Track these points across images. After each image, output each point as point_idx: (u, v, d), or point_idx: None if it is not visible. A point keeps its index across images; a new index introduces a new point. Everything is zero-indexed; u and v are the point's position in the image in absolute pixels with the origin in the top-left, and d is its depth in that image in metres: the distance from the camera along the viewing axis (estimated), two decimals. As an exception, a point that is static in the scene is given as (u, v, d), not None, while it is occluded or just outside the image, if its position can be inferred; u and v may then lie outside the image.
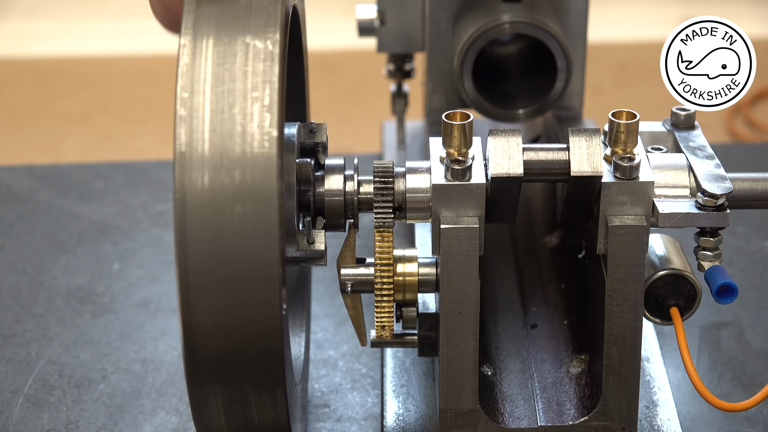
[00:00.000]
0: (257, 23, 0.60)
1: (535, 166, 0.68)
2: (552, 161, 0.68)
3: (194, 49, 0.60)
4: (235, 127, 0.59)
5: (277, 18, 0.60)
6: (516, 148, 0.67)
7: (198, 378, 0.61)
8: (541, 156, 0.68)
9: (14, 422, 0.79)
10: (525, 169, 0.67)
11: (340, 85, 2.40)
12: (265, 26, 0.60)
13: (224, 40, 0.60)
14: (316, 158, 0.69)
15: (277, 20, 0.60)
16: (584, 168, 0.67)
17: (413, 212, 0.69)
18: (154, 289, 0.93)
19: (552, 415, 0.73)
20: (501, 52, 0.92)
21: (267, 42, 0.60)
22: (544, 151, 0.68)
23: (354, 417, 0.79)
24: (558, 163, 0.68)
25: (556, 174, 0.68)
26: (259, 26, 0.60)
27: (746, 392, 0.81)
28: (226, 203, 0.58)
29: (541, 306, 0.82)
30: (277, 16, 0.60)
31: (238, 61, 0.59)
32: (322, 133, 0.68)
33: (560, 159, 0.68)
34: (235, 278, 0.59)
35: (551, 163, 0.68)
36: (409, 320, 0.72)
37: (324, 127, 0.68)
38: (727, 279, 0.67)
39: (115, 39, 2.57)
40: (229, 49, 0.59)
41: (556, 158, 0.68)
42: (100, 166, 1.11)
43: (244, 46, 0.60)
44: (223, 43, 0.60)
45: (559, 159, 0.68)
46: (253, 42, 0.60)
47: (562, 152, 0.68)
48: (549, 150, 0.68)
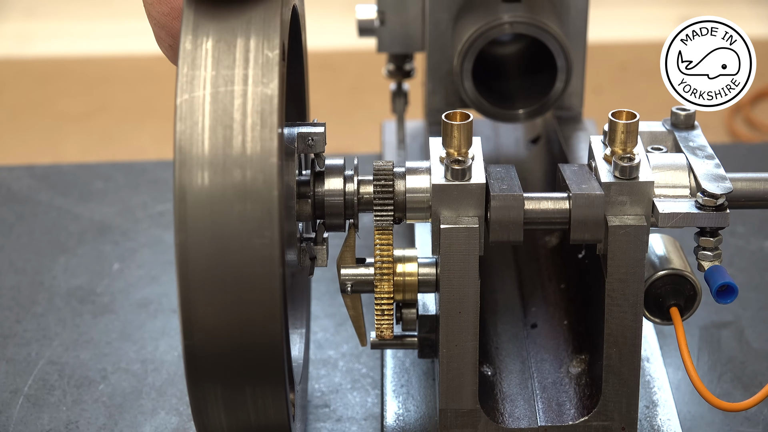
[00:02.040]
0: (257, 26, 0.60)
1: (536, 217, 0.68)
2: (553, 211, 0.68)
3: (194, 50, 0.60)
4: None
5: (276, 21, 0.60)
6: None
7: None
8: (543, 206, 0.68)
9: (14, 422, 0.79)
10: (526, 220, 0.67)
11: (340, 85, 2.40)
12: (265, 29, 0.60)
13: (224, 42, 0.60)
14: (314, 167, 0.69)
15: (276, 23, 0.60)
16: (586, 237, 0.67)
17: (413, 212, 0.69)
18: (154, 289, 0.93)
19: (552, 415, 0.73)
20: (501, 52, 0.92)
21: (267, 42, 0.60)
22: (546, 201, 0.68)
23: (354, 417, 0.79)
24: (559, 213, 0.68)
25: (558, 224, 0.68)
26: (260, 29, 0.60)
27: (746, 392, 0.81)
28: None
29: (541, 306, 0.82)
30: (277, 21, 0.60)
31: (238, 61, 0.59)
32: (320, 144, 0.68)
33: (562, 210, 0.68)
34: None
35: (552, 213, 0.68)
36: (408, 322, 0.72)
37: (323, 138, 0.68)
38: (727, 279, 0.67)
39: (115, 39, 2.57)
40: (229, 50, 0.60)
41: (556, 208, 0.68)
42: (100, 166, 1.11)
43: (244, 48, 0.60)
44: (223, 43, 0.60)
45: (560, 209, 0.68)
46: (253, 43, 0.60)
47: (563, 201, 0.68)
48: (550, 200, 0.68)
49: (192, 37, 0.60)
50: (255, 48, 0.60)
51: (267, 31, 0.60)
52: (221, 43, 0.60)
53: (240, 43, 0.60)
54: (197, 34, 0.60)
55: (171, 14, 0.64)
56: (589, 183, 0.68)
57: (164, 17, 0.65)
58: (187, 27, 0.60)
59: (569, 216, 0.67)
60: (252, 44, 0.60)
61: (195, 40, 0.60)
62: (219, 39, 0.60)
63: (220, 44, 0.60)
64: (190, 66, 0.60)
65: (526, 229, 0.67)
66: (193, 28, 0.60)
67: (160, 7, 0.64)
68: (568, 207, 0.67)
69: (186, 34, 0.60)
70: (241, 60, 0.59)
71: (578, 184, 0.67)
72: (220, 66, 0.59)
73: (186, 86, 0.59)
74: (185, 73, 0.59)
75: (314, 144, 0.68)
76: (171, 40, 0.65)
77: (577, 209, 0.66)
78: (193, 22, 0.61)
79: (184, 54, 0.60)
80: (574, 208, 0.67)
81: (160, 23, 0.65)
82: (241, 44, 0.60)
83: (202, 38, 0.60)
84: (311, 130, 0.68)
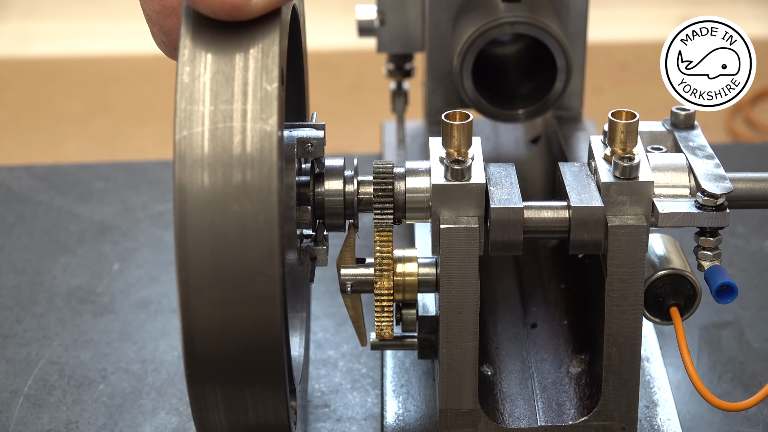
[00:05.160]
0: (255, 57, 0.60)
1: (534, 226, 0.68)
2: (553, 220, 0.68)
3: (192, 83, 0.59)
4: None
5: (275, 50, 0.60)
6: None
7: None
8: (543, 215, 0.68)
9: (14, 422, 0.79)
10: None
11: (340, 85, 2.40)
12: (263, 59, 0.60)
13: (222, 74, 0.59)
14: (313, 168, 0.69)
15: (275, 52, 0.60)
16: (585, 250, 0.68)
17: (413, 212, 0.69)
18: (154, 289, 0.93)
19: (552, 415, 0.73)
20: (501, 52, 0.92)
21: (266, 75, 0.59)
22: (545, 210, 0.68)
23: (354, 417, 0.79)
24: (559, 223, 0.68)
25: (557, 233, 0.68)
26: (258, 60, 0.59)
27: (746, 392, 0.81)
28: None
29: (541, 306, 0.82)
30: (275, 50, 0.60)
31: (237, 95, 0.59)
32: (319, 150, 0.68)
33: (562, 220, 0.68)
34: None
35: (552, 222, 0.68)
36: (408, 323, 0.72)
37: (322, 144, 0.68)
38: (727, 279, 0.67)
39: (115, 39, 2.57)
40: (227, 83, 0.59)
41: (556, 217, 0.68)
42: (100, 166, 1.11)
43: (243, 80, 0.59)
44: (221, 76, 0.59)
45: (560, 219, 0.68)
46: (251, 75, 0.59)
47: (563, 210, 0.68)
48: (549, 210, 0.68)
49: (189, 69, 0.59)
50: (253, 81, 0.59)
51: (265, 62, 0.59)
52: (219, 75, 0.59)
53: (238, 75, 0.59)
54: (195, 66, 0.59)
55: (163, 12, 0.64)
56: (589, 191, 0.67)
57: (156, 15, 0.64)
58: (184, 57, 0.59)
59: (569, 228, 0.67)
60: (250, 77, 0.59)
61: (193, 72, 0.59)
62: (217, 71, 0.59)
63: (218, 76, 0.59)
64: (188, 100, 0.59)
65: (525, 238, 0.67)
66: (190, 59, 0.59)
67: (153, 5, 0.64)
68: (567, 217, 0.67)
69: (183, 66, 0.59)
70: (239, 94, 0.59)
71: (578, 193, 0.67)
72: (219, 101, 0.59)
73: (185, 122, 0.59)
74: (183, 108, 0.59)
75: (313, 150, 0.68)
76: (164, 37, 0.65)
77: (576, 222, 0.67)
78: (189, 50, 0.60)
79: (182, 87, 0.59)
80: (573, 220, 0.67)
81: (152, 20, 0.65)
82: (239, 77, 0.59)
83: (199, 70, 0.59)
84: (310, 134, 0.68)
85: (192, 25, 0.60)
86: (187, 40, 0.60)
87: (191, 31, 0.60)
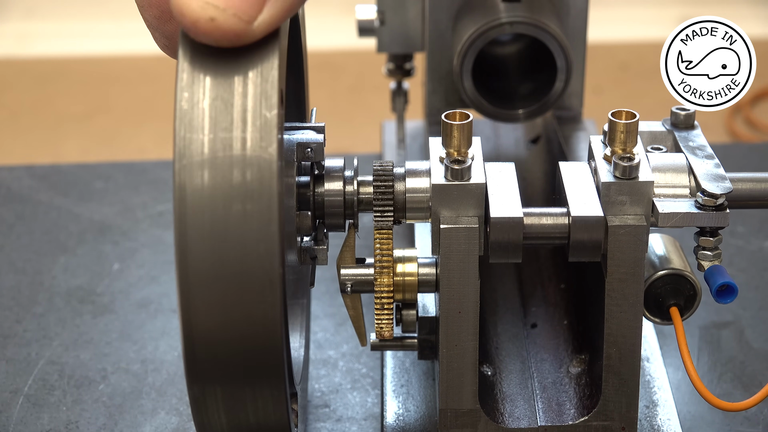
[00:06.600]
0: (255, 82, 0.59)
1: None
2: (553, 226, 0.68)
3: (191, 109, 0.59)
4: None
5: (274, 74, 0.59)
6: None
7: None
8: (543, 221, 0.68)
9: (14, 422, 0.79)
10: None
11: (340, 85, 2.40)
12: (263, 84, 0.59)
13: (221, 100, 0.59)
14: (313, 171, 0.69)
15: (274, 77, 0.59)
16: (584, 258, 0.67)
17: (413, 212, 0.69)
18: (154, 289, 0.93)
19: (552, 415, 0.73)
20: (501, 52, 0.92)
21: (265, 102, 0.59)
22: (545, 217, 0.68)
23: (354, 417, 0.79)
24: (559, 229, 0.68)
25: (557, 239, 0.68)
26: (257, 85, 0.59)
27: (746, 392, 0.81)
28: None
29: (541, 306, 0.82)
30: (275, 74, 0.59)
31: (236, 122, 0.59)
32: (319, 154, 0.68)
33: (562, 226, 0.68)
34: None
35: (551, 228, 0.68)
36: (408, 323, 0.72)
37: (321, 148, 0.68)
38: (727, 279, 0.67)
39: (115, 39, 2.57)
40: (226, 110, 0.59)
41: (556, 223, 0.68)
42: (100, 166, 1.11)
43: (242, 107, 0.59)
44: (220, 102, 0.59)
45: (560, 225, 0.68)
46: (251, 102, 0.59)
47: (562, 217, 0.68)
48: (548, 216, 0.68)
49: (188, 95, 0.59)
50: (253, 108, 0.59)
51: (264, 88, 0.59)
52: (218, 102, 0.59)
53: (237, 101, 0.59)
54: (193, 91, 0.59)
55: (161, 17, 0.64)
56: (589, 196, 0.67)
57: (156, 21, 0.64)
58: (183, 82, 0.59)
59: (568, 235, 0.67)
60: (249, 104, 0.59)
61: (191, 98, 0.59)
62: (216, 96, 0.59)
63: (217, 102, 0.59)
64: (188, 128, 0.59)
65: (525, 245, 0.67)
66: (188, 84, 0.59)
67: (151, 11, 0.64)
68: (567, 224, 0.67)
69: (182, 92, 0.59)
70: (239, 122, 0.59)
71: (578, 199, 0.67)
72: (218, 128, 0.59)
73: (184, 151, 0.59)
74: (182, 136, 0.59)
75: (313, 155, 0.68)
76: (165, 40, 0.65)
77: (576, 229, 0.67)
78: (188, 75, 0.59)
79: (180, 114, 0.59)
80: (573, 228, 0.67)
81: (153, 26, 0.65)
82: (238, 103, 0.59)
83: (198, 96, 0.59)
84: (310, 139, 0.68)
85: (190, 47, 0.60)
86: (185, 63, 0.60)
87: (189, 53, 0.60)
